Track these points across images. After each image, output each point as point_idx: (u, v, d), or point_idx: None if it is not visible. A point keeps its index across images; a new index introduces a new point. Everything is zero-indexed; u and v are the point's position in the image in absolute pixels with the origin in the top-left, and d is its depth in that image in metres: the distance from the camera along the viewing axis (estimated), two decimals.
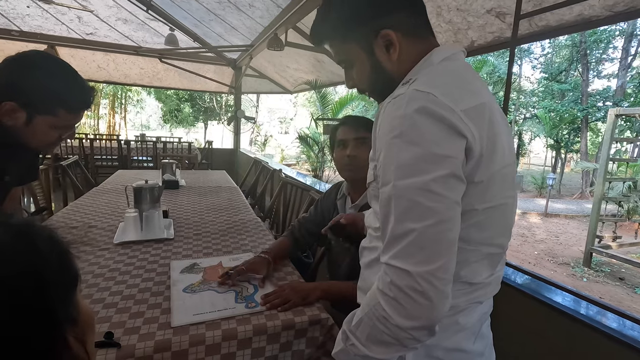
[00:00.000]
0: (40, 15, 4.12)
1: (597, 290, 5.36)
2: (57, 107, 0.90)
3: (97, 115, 14.90)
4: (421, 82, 0.57)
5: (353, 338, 0.60)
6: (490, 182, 0.58)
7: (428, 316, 0.51)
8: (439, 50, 0.64)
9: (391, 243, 0.54)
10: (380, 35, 0.63)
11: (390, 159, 0.55)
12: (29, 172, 1.17)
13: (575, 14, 1.50)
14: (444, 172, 0.52)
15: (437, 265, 0.51)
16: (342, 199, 1.36)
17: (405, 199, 0.53)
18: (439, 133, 0.52)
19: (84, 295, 1.01)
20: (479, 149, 0.55)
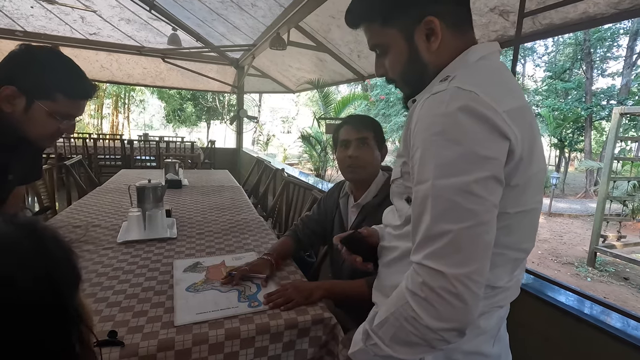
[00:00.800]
0: (44, 15, 4.14)
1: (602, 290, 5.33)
2: (56, 92, 0.90)
3: (101, 115, 14.97)
4: (463, 80, 0.55)
5: (375, 338, 0.59)
6: (525, 187, 0.57)
7: (461, 319, 0.51)
8: (476, 48, 0.62)
9: (425, 243, 0.53)
10: (424, 21, 0.60)
11: (429, 157, 0.53)
12: (33, 171, 1.17)
13: (579, 11, 1.49)
14: (486, 174, 0.51)
15: (473, 268, 0.50)
16: (345, 198, 1.36)
17: (444, 199, 0.51)
18: (482, 133, 0.51)
19: (87, 294, 1.02)
20: (520, 152, 0.54)
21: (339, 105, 8.04)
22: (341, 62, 3.44)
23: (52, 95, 0.90)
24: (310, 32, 3.18)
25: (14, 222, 0.33)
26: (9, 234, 0.32)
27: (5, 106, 0.87)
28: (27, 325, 0.29)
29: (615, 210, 6.90)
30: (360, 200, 1.26)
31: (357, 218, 1.28)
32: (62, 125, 0.95)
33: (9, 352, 0.28)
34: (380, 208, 1.21)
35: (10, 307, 0.28)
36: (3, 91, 0.86)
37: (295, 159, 15.09)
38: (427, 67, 0.63)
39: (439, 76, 0.62)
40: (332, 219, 1.40)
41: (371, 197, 1.25)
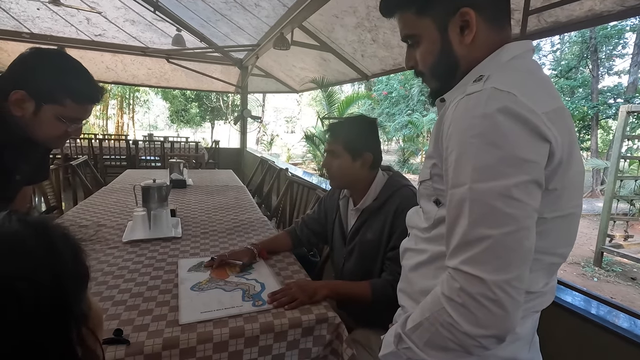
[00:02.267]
0: (50, 17, 4.18)
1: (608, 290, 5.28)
2: (65, 96, 0.91)
3: (106, 116, 15.08)
4: (499, 80, 0.53)
5: (409, 341, 0.58)
6: (563, 191, 0.55)
7: (501, 326, 0.50)
8: (510, 46, 0.60)
9: (462, 248, 0.52)
10: (459, 12, 0.58)
11: (466, 160, 0.52)
12: (40, 171, 1.19)
13: (585, 9, 1.48)
14: (527, 178, 0.49)
15: (514, 275, 0.49)
16: (345, 200, 1.35)
17: (482, 203, 0.50)
18: (522, 136, 0.49)
19: (93, 292, 1.03)
20: (560, 155, 0.52)
21: (342, 104, 8.04)
22: (345, 61, 3.43)
23: (60, 100, 0.91)
24: (314, 32, 3.17)
25: (24, 221, 0.34)
26: (18, 232, 0.32)
27: (15, 110, 0.88)
28: (27, 325, 0.29)
29: (622, 210, 6.83)
30: (360, 205, 1.25)
31: (356, 222, 1.26)
32: (69, 129, 0.96)
33: (8, 352, 0.28)
34: (380, 211, 1.20)
35: (11, 306, 0.28)
36: (13, 95, 0.87)
37: (299, 159, 15.09)
38: (458, 61, 0.62)
39: (471, 75, 0.60)
40: (333, 220, 1.39)
41: (370, 200, 1.23)
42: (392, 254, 1.14)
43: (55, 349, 0.31)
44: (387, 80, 14.48)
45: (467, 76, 0.61)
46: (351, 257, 1.27)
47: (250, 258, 1.28)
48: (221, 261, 1.23)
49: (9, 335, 0.28)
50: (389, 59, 2.96)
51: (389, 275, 1.13)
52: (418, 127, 12.37)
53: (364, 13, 2.47)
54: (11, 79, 0.88)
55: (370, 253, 1.21)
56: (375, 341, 1.20)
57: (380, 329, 1.23)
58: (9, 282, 0.29)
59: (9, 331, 0.28)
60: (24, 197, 1.17)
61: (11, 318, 0.28)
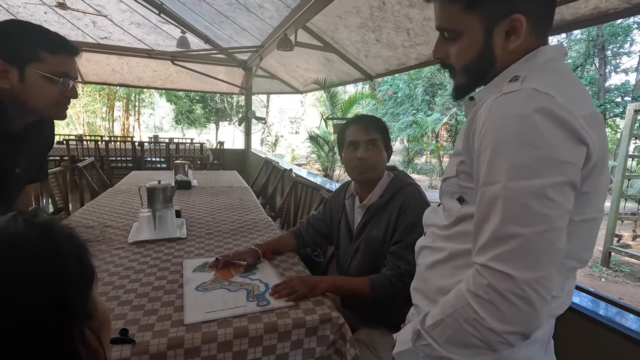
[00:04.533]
0: (57, 21, 4.23)
1: (616, 290, 5.21)
2: (39, 50, 0.91)
3: (112, 118, 15.22)
4: (537, 81, 0.53)
5: (429, 338, 0.58)
6: (594, 194, 0.55)
7: (528, 323, 0.50)
8: (546, 49, 0.59)
9: (491, 245, 0.52)
10: (510, 17, 0.57)
11: (501, 158, 0.52)
12: (40, 168, 1.18)
13: (591, 7, 1.47)
14: (563, 179, 0.49)
15: (543, 273, 0.49)
16: (351, 198, 1.35)
17: (516, 202, 0.50)
18: (560, 137, 0.49)
19: (99, 292, 1.04)
20: (596, 159, 0.52)
21: (345, 104, 8.03)
22: (348, 62, 3.43)
23: (38, 56, 0.91)
24: (318, 33, 3.18)
25: (30, 222, 0.34)
26: (22, 233, 0.32)
27: (2, 82, 0.88)
28: (29, 325, 0.29)
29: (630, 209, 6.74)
30: (366, 202, 1.26)
31: (362, 219, 1.28)
32: (62, 88, 0.95)
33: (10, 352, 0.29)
34: (385, 208, 1.21)
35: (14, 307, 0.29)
36: None
37: (304, 159, 15.11)
38: (494, 63, 0.61)
39: (505, 74, 0.60)
40: (339, 219, 1.40)
41: (376, 197, 1.24)
42: (393, 248, 1.16)
43: (57, 349, 0.31)
44: (392, 80, 14.44)
45: (500, 76, 0.61)
46: (358, 255, 1.28)
47: (255, 258, 1.28)
48: (225, 261, 1.24)
49: (12, 335, 0.29)
50: (393, 58, 2.96)
51: (389, 270, 1.15)
52: (422, 127, 12.32)
53: (367, 13, 2.47)
54: None
55: (375, 249, 1.22)
56: (379, 341, 1.19)
57: (384, 329, 1.23)
58: (11, 283, 0.29)
59: (11, 331, 0.29)
60: (26, 196, 1.18)
61: (13, 318, 0.29)
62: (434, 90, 13.88)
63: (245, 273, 1.21)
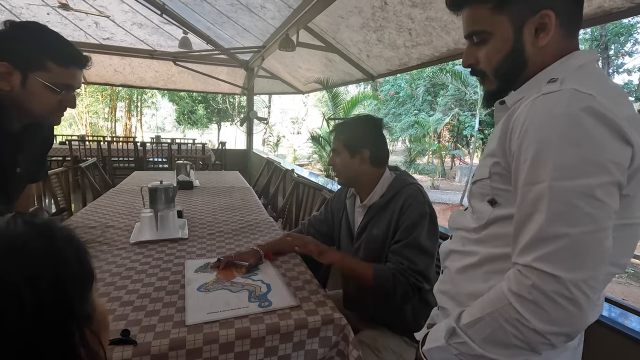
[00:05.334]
0: (59, 21, 4.25)
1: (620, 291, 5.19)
2: (47, 60, 0.90)
3: (114, 118, 15.27)
4: (577, 82, 0.52)
5: (464, 336, 0.58)
6: (635, 198, 0.54)
7: (574, 324, 0.50)
8: (579, 54, 0.59)
9: (536, 244, 0.51)
10: (539, 14, 0.57)
11: (546, 157, 0.51)
12: (40, 167, 1.18)
13: (594, 6, 1.46)
14: (610, 179, 0.49)
15: (591, 274, 0.49)
16: (352, 198, 1.36)
17: (563, 202, 0.50)
18: (606, 136, 0.49)
19: (101, 293, 1.04)
20: (638, 160, 0.51)
21: (347, 105, 8.03)
22: (350, 62, 3.43)
23: (44, 65, 0.90)
24: (319, 33, 3.18)
25: (29, 223, 0.34)
26: (21, 234, 0.32)
27: (2, 84, 0.88)
28: (28, 327, 0.29)
29: None
30: (366, 202, 1.26)
31: (363, 219, 1.27)
32: (62, 98, 0.95)
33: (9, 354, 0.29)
34: (386, 208, 1.21)
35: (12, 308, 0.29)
36: None
37: (305, 160, 15.12)
38: (526, 64, 0.61)
39: (541, 76, 0.59)
40: (340, 220, 1.40)
41: (377, 197, 1.24)
42: (395, 247, 1.16)
43: (56, 351, 0.31)
44: (394, 80, 14.42)
45: (535, 77, 0.60)
46: (358, 254, 1.28)
47: (257, 259, 1.28)
48: (227, 262, 1.24)
49: (10, 337, 0.29)
50: (395, 59, 2.95)
51: (393, 264, 1.15)
52: (424, 127, 12.30)
53: (369, 13, 2.46)
54: None
55: (376, 249, 1.22)
56: (381, 342, 1.19)
57: (386, 330, 1.23)
58: (9, 283, 0.29)
59: (9, 333, 0.28)
60: (27, 196, 1.18)
61: (12, 320, 0.29)
62: (436, 90, 13.85)
63: (247, 274, 1.21)
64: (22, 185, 1.11)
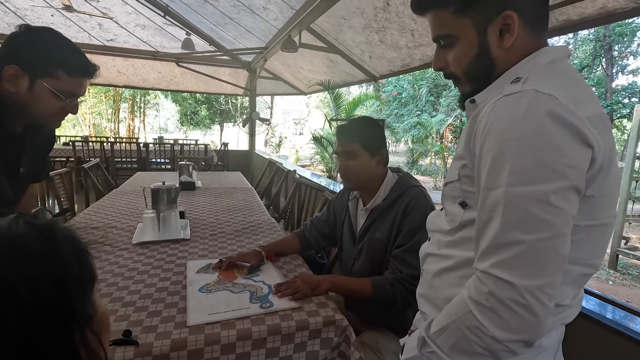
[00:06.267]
0: (63, 23, 4.27)
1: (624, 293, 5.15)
2: (58, 69, 0.91)
3: (118, 119, 15.35)
4: (539, 82, 0.52)
5: (433, 345, 0.58)
6: (600, 199, 0.54)
7: (531, 331, 0.49)
8: (548, 50, 0.58)
9: (492, 251, 0.51)
10: (502, 15, 0.56)
11: (504, 163, 0.50)
12: (42, 167, 1.18)
13: (598, 6, 1.45)
14: (566, 184, 0.48)
15: (547, 281, 0.48)
16: (354, 201, 1.35)
17: (518, 208, 0.49)
18: (564, 140, 0.48)
19: (103, 293, 1.04)
20: (600, 162, 0.51)
21: (349, 106, 8.03)
22: (352, 63, 3.43)
23: (54, 73, 0.91)
24: (322, 34, 3.18)
25: (31, 223, 0.34)
26: (22, 235, 0.32)
27: (9, 86, 0.88)
28: (28, 327, 0.29)
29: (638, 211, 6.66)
30: (369, 205, 1.26)
31: (365, 221, 1.27)
32: (65, 104, 0.95)
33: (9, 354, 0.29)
34: (389, 211, 1.20)
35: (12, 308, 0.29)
36: (6, 71, 0.86)
37: (307, 161, 15.12)
38: (494, 65, 0.60)
39: (506, 76, 0.59)
40: (342, 221, 1.39)
41: (380, 200, 1.24)
42: (396, 252, 1.15)
43: (57, 351, 0.31)
44: (397, 81, 14.41)
45: (501, 77, 0.60)
46: (360, 257, 1.27)
47: (258, 260, 1.28)
48: (229, 263, 1.24)
49: (10, 338, 0.29)
50: (397, 60, 2.95)
51: (391, 274, 1.14)
52: (427, 128, 12.28)
53: (371, 14, 2.46)
54: (3, 55, 0.88)
55: (379, 252, 1.21)
56: (383, 344, 1.18)
57: (388, 332, 1.22)
58: (10, 284, 0.29)
59: (9, 334, 0.29)
60: (30, 196, 1.18)
61: (11, 320, 0.29)
62: (439, 91, 13.83)
63: (249, 275, 1.21)
64: (26, 185, 1.12)
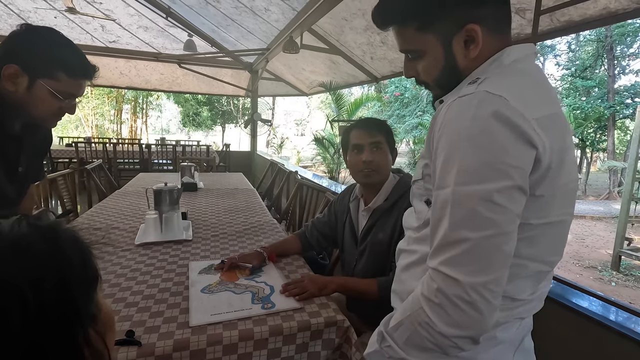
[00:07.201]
0: (66, 25, 4.29)
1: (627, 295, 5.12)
2: (59, 71, 0.91)
3: (120, 121, 15.40)
4: (492, 84, 0.53)
5: (390, 340, 0.59)
6: (551, 198, 0.55)
7: (475, 327, 0.50)
8: (511, 50, 0.59)
9: (442, 249, 0.53)
10: (465, 29, 0.57)
11: (453, 162, 0.52)
12: (40, 167, 1.18)
13: (600, 7, 1.45)
14: (510, 183, 0.49)
15: (491, 278, 0.50)
16: (355, 202, 1.35)
17: (464, 207, 0.51)
18: (508, 140, 0.49)
19: (106, 294, 1.05)
20: (547, 162, 0.52)
21: (351, 107, 8.03)
22: (354, 64, 3.43)
23: (54, 75, 0.91)
24: (323, 35, 3.18)
25: (34, 225, 0.34)
26: (25, 236, 0.33)
27: (8, 85, 0.88)
28: (31, 328, 0.30)
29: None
30: (371, 205, 1.26)
31: (367, 222, 1.27)
32: (63, 105, 0.95)
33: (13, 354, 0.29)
34: (391, 212, 1.20)
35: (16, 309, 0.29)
36: (6, 70, 0.86)
37: (309, 162, 15.12)
38: (461, 72, 0.61)
39: (469, 77, 0.60)
40: (344, 223, 1.39)
41: (382, 200, 1.24)
42: None
43: (60, 351, 0.32)
44: (399, 82, 14.39)
45: (466, 79, 0.61)
46: (363, 258, 1.27)
47: (260, 261, 1.29)
48: (231, 264, 1.24)
49: (14, 338, 0.29)
50: (399, 61, 2.95)
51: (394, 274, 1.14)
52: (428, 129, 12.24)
53: None
54: (3, 54, 0.88)
55: (381, 252, 1.21)
56: None
57: None
58: (14, 284, 0.30)
59: (13, 333, 0.29)
60: (31, 196, 1.18)
61: (15, 320, 0.29)
62: None
63: (251, 275, 1.21)
64: (26, 185, 1.12)
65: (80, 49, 0.96)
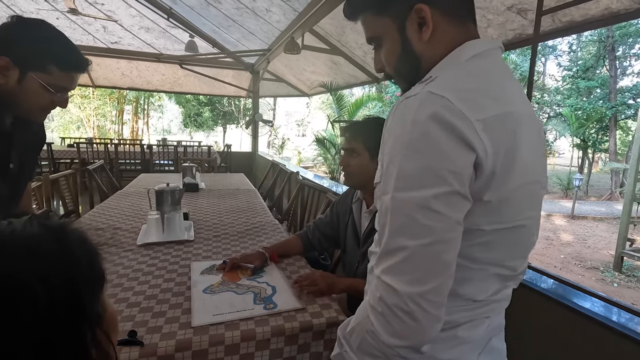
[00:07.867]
0: (68, 26, 4.31)
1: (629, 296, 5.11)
2: (50, 64, 0.89)
3: (121, 121, 15.43)
4: (438, 83, 0.51)
5: (346, 345, 0.59)
6: (503, 203, 0.52)
7: (414, 337, 0.49)
8: (472, 44, 0.56)
9: (383, 257, 0.51)
10: (414, 9, 0.56)
11: (393, 167, 0.50)
12: (33, 164, 1.16)
13: (601, 7, 1.45)
14: (448, 189, 0.47)
15: (428, 288, 0.48)
16: (358, 203, 1.35)
17: (402, 214, 0.49)
18: (447, 144, 0.47)
19: (108, 294, 1.04)
20: (491, 166, 0.49)
21: (352, 107, 8.03)
22: (355, 64, 3.44)
23: (46, 68, 0.89)
24: (324, 36, 3.19)
25: (44, 225, 0.35)
26: (36, 236, 0.33)
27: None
28: (41, 325, 0.30)
29: None
30: (372, 207, 1.26)
31: (369, 224, 1.27)
32: (55, 98, 0.94)
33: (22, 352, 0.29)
34: None
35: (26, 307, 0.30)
36: None
37: (310, 162, 15.13)
38: (420, 60, 0.59)
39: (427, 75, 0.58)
40: (346, 224, 1.39)
41: None
42: None
43: (69, 350, 0.32)
44: None
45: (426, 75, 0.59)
46: (365, 259, 1.27)
47: (262, 261, 1.29)
48: (233, 264, 1.24)
49: (24, 335, 0.29)
50: None
51: None
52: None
53: None
54: None
55: None
56: None
57: None
58: (25, 281, 0.30)
59: (23, 331, 0.29)
60: (27, 195, 1.17)
61: (26, 318, 0.30)
62: None
63: (253, 276, 1.22)
64: (22, 183, 1.10)
65: (72, 42, 0.95)
